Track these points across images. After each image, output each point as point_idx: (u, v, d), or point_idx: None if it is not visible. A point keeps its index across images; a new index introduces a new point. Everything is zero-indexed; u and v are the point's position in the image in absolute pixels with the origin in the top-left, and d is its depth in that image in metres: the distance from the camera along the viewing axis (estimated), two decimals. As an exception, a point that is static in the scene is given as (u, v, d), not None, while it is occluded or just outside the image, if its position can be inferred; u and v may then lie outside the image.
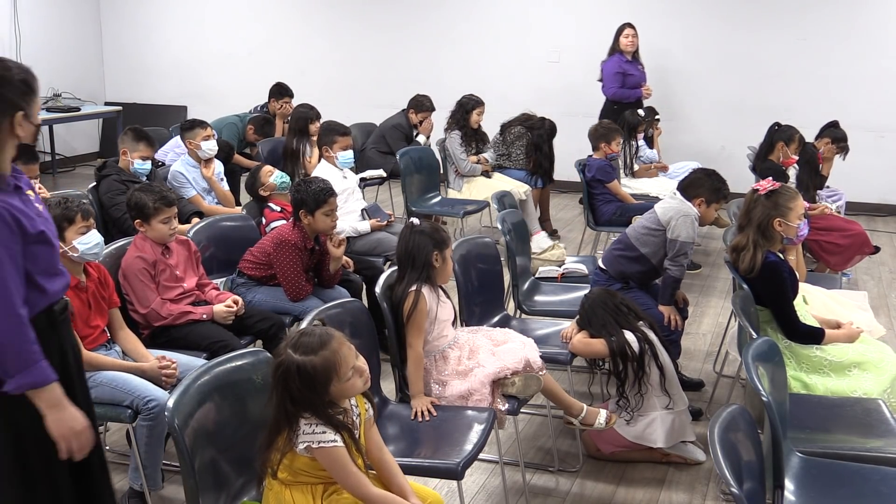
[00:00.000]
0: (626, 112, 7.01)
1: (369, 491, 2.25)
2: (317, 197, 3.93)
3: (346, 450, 2.22)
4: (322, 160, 5.19)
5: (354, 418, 2.31)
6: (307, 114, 6.30)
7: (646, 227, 4.02)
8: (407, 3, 9.49)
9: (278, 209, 4.67)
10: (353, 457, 2.24)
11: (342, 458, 2.21)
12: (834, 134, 6.16)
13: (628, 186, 6.43)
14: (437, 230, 3.26)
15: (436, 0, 9.39)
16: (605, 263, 4.14)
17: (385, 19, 9.57)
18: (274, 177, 4.83)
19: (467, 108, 6.87)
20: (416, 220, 3.28)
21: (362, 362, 2.29)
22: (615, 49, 7.70)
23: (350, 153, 5.17)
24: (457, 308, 3.49)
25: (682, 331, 4.08)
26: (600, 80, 7.77)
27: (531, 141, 6.93)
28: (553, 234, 7.11)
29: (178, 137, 5.89)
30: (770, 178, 3.65)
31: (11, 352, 2.06)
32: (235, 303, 3.66)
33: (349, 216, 4.88)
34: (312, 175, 4.76)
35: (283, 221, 4.41)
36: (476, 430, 2.87)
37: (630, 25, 7.70)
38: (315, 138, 5.93)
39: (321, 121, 5.95)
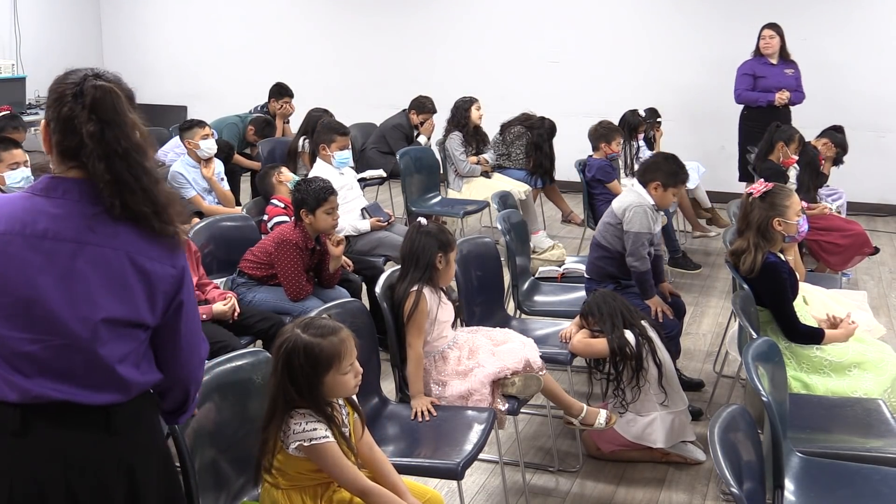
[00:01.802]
0: (627, 112, 7.00)
1: (366, 484, 2.26)
2: (317, 195, 3.93)
3: (337, 445, 2.22)
4: (318, 158, 5.19)
5: (343, 418, 2.32)
6: (321, 116, 6.29)
7: (607, 224, 4.06)
8: (407, 3, 9.49)
9: (281, 205, 4.68)
10: (344, 454, 2.24)
11: (335, 453, 2.22)
12: (834, 137, 6.15)
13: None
14: (443, 232, 3.27)
15: (436, 1, 9.39)
16: (588, 272, 4.16)
17: (385, 19, 9.58)
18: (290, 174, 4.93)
19: (465, 107, 6.87)
20: (423, 220, 3.28)
21: (358, 366, 2.32)
22: (756, 52, 7.16)
23: (347, 153, 5.14)
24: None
25: (680, 328, 4.09)
26: None
27: (531, 140, 6.92)
28: (582, 223, 7.07)
29: (178, 137, 5.90)
30: (762, 179, 3.66)
31: (197, 392, 1.99)
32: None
33: (349, 215, 4.88)
34: (310, 174, 4.77)
35: (286, 217, 4.42)
36: (476, 430, 2.87)
37: (769, 26, 7.07)
38: None
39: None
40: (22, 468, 1.71)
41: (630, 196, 4.04)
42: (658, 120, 7.44)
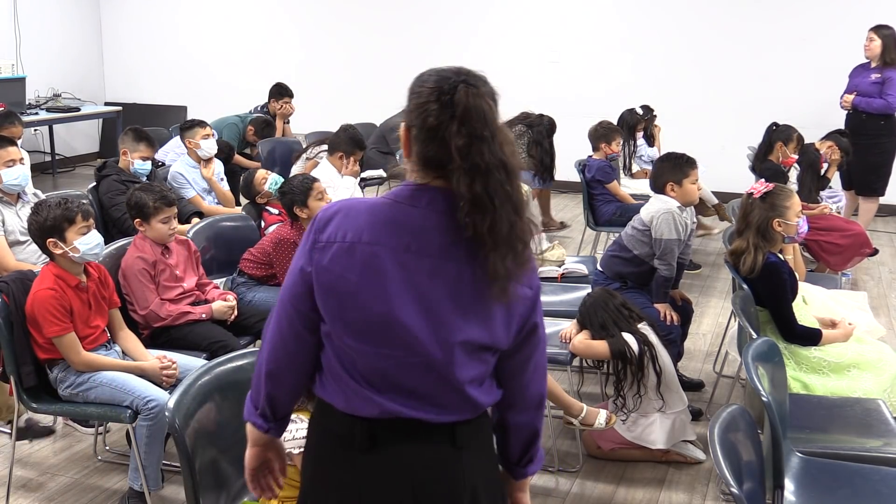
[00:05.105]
0: (624, 111, 7.00)
1: None
2: (302, 187, 4.02)
3: None
4: (324, 161, 5.20)
5: None
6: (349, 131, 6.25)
7: (635, 229, 4.04)
8: (407, 3, 9.50)
9: (276, 212, 4.68)
10: None
11: None
12: (839, 141, 6.14)
13: (628, 187, 6.43)
14: None
15: (436, 0, 9.40)
16: (602, 266, 4.16)
17: (385, 19, 9.58)
18: (268, 183, 4.81)
19: None
20: None
21: None
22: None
23: (357, 167, 5.25)
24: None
25: (683, 332, 4.08)
26: None
27: (532, 138, 6.92)
28: (562, 225, 7.12)
29: (178, 138, 5.89)
30: (763, 179, 3.65)
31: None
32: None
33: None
34: (311, 173, 4.78)
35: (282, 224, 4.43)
36: (476, 430, 2.86)
37: (872, 28, 6.80)
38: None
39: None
40: (370, 484, 1.65)
41: (655, 204, 4.01)
42: (654, 115, 7.43)
